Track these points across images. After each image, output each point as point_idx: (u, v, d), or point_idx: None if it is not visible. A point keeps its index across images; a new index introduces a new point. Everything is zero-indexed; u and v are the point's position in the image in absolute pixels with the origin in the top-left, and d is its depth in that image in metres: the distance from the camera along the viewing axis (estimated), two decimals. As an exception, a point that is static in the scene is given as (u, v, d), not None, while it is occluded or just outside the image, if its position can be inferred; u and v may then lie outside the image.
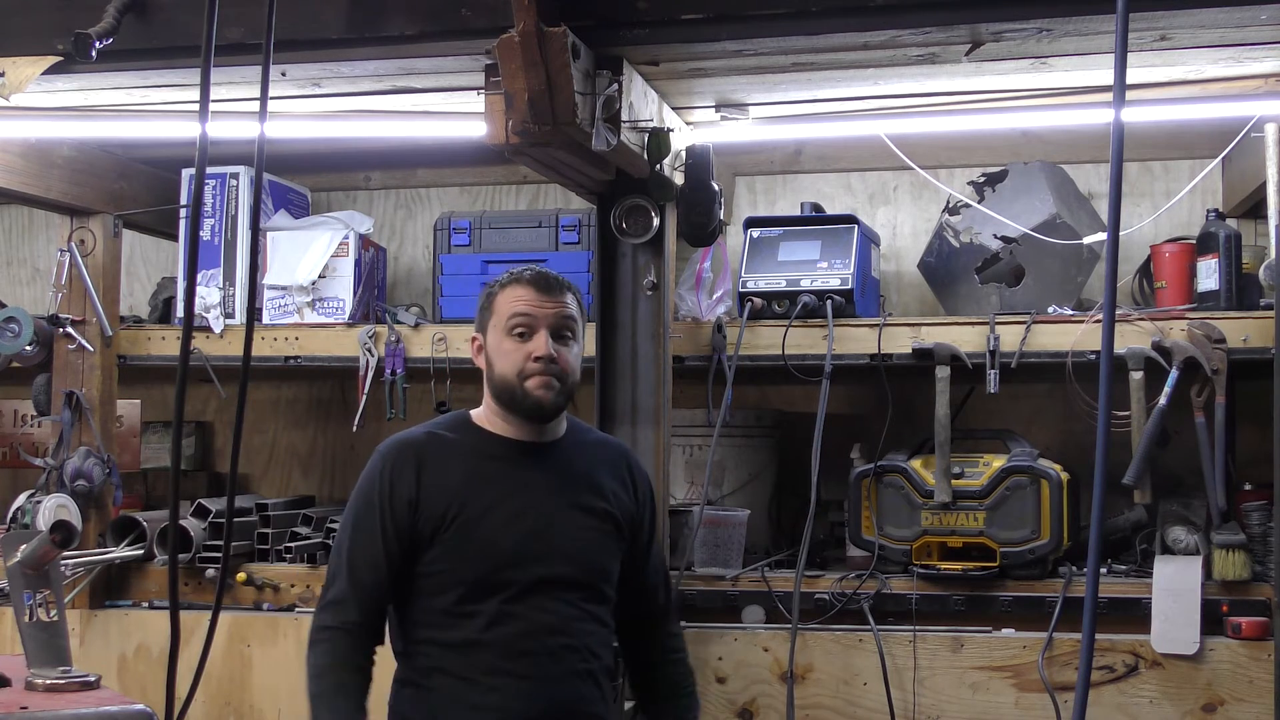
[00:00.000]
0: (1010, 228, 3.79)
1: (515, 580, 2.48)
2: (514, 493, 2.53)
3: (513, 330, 2.53)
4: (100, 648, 4.11)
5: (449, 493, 2.49)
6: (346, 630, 2.46)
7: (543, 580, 2.49)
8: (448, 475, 2.51)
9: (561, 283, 2.58)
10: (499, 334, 2.54)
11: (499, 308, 2.56)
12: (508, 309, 2.54)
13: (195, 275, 3.73)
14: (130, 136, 3.88)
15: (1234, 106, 3.35)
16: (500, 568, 2.48)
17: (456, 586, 2.47)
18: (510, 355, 2.52)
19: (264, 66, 2.03)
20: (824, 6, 2.79)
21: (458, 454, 2.54)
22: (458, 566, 2.48)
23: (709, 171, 3.58)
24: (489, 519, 2.49)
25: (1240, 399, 3.74)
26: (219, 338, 4.16)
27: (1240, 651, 3.45)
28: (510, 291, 2.56)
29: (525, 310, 2.53)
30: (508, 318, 2.53)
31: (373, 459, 2.56)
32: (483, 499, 2.50)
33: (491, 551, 2.48)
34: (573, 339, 2.57)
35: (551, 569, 2.50)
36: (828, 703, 3.63)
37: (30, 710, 2.44)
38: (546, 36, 2.66)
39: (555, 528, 2.53)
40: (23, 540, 2.76)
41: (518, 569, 2.48)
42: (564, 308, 2.55)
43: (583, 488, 2.60)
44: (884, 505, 3.73)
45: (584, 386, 4.48)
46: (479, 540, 2.48)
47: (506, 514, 2.50)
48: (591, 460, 2.65)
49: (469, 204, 4.73)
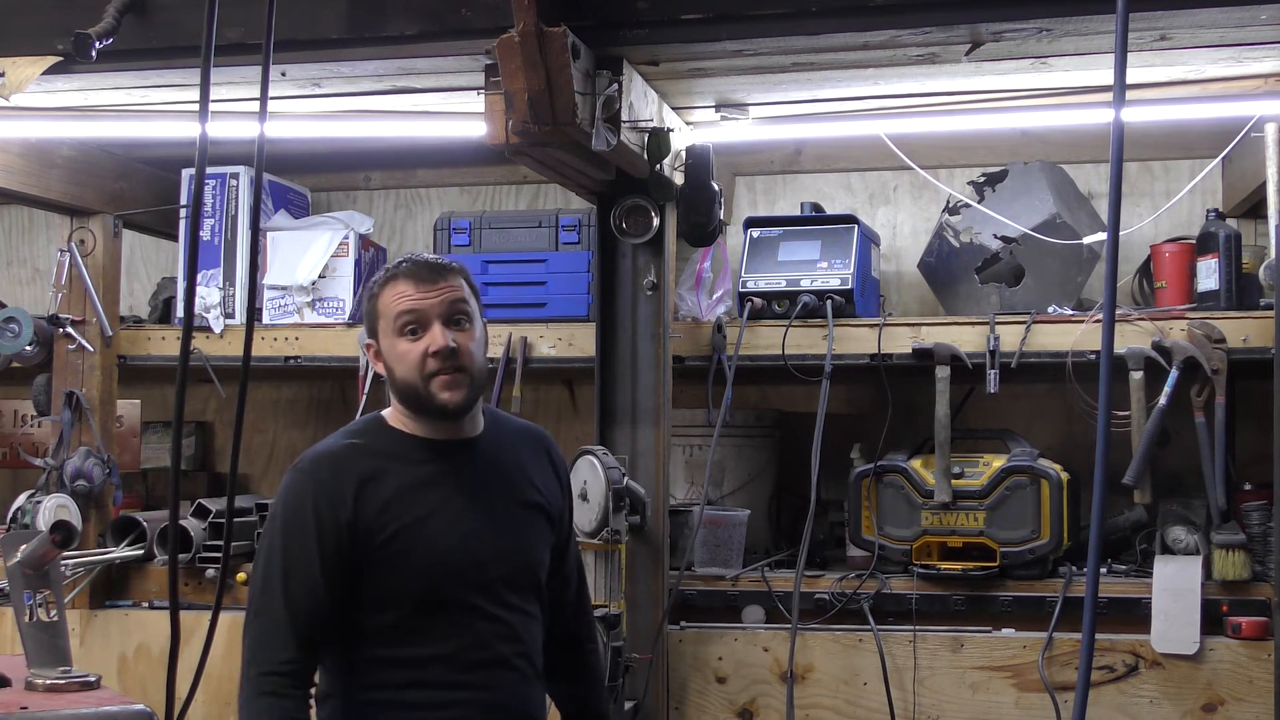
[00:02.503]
0: (1010, 228, 3.79)
1: (462, 588, 2.34)
2: (449, 496, 2.37)
3: (404, 330, 2.33)
4: (100, 648, 4.11)
5: (383, 505, 2.31)
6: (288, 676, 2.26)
7: (489, 584, 2.36)
8: (379, 487, 2.32)
9: (443, 266, 2.39)
10: (390, 337, 2.35)
11: (384, 309, 2.36)
12: (393, 308, 2.34)
13: (195, 275, 3.72)
14: (130, 136, 3.88)
15: (1234, 106, 3.35)
16: (446, 579, 2.33)
17: (401, 603, 2.30)
18: (407, 357, 2.33)
19: (264, 66, 2.03)
20: (824, 6, 2.79)
21: (383, 463, 2.35)
22: (402, 581, 2.31)
23: (709, 171, 3.58)
24: (429, 527, 2.33)
25: (1240, 399, 3.74)
26: (219, 338, 4.16)
27: (1240, 651, 3.45)
28: (391, 289, 2.35)
29: (411, 306, 2.33)
30: (394, 317, 2.34)
31: (292, 477, 2.34)
32: (418, 507, 2.33)
33: (436, 561, 2.32)
34: (468, 322, 2.37)
35: (496, 571, 2.37)
36: (828, 703, 3.63)
37: (30, 710, 2.45)
38: (546, 36, 2.66)
39: (494, 528, 2.39)
40: (23, 540, 2.76)
41: (463, 577, 2.34)
42: (450, 292, 2.35)
43: (514, 481, 2.45)
44: (884, 505, 3.73)
45: (584, 386, 4.54)
46: (422, 551, 2.31)
47: (446, 519, 2.35)
48: (517, 451, 2.50)
49: (469, 204, 4.73)
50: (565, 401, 4.65)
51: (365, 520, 2.29)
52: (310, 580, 2.28)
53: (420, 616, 2.31)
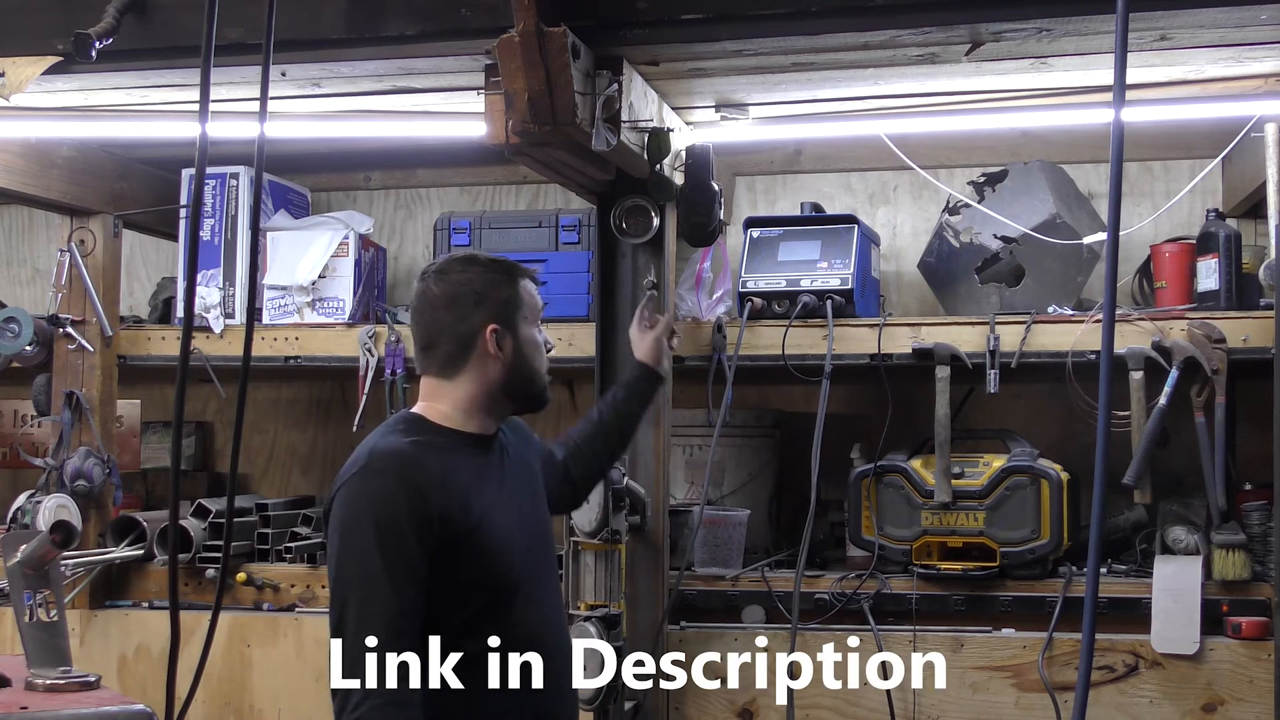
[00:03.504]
0: (1010, 228, 3.79)
1: (526, 576, 2.43)
2: (500, 488, 2.46)
3: (537, 323, 2.53)
4: (100, 648, 4.11)
5: (463, 496, 2.35)
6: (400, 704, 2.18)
7: (542, 570, 2.50)
8: (454, 479, 2.36)
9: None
10: (530, 326, 2.50)
11: (527, 299, 2.51)
12: (534, 302, 2.53)
13: (195, 275, 3.73)
14: (130, 136, 3.88)
15: (1234, 106, 3.35)
16: (516, 566, 2.41)
17: (484, 593, 2.34)
18: (540, 349, 2.52)
19: (264, 66, 2.03)
20: (824, 6, 2.79)
21: (445, 458, 2.39)
22: (486, 573, 2.34)
23: (709, 171, 3.58)
24: (494, 519, 2.39)
25: (1240, 399, 3.74)
26: (219, 338, 4.16)
27: (1240, 651, 3.45)
28: (525, 286, 2.52)
29: (540, 306, 2.55)
30: (537, 310, 2.53)
31: (369, 480, 2.28)
32: (482, 500, 2.39)
33: (507, 550, 2.39)
34: None
35: (545, 556, 2.54)
36: (828, 703, 3.63)
37: (30, 710, 2.45)
38: (546, 36, 2.66)
39: (529, 514, 2.53)
40: (23, 540, 2.76)
41: (526, 564, 2.44)
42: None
43: (530, 470, 2.62)
44: (884, 505, 3.73)
45: (584, 386, 4.54)
46: (494, 543, 2.37)
47: (503, 510, 2.43)
48: (515, 443, 2.62)
49: (469, 204, 4.73)
50: (565, 401, 4.65)
51: (452, 513, 2.30)
52: (417, 579, 2.24)
53: (493, 606, 2.37)
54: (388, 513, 2.24)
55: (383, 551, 2.22)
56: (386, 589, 2.21)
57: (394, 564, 2.22)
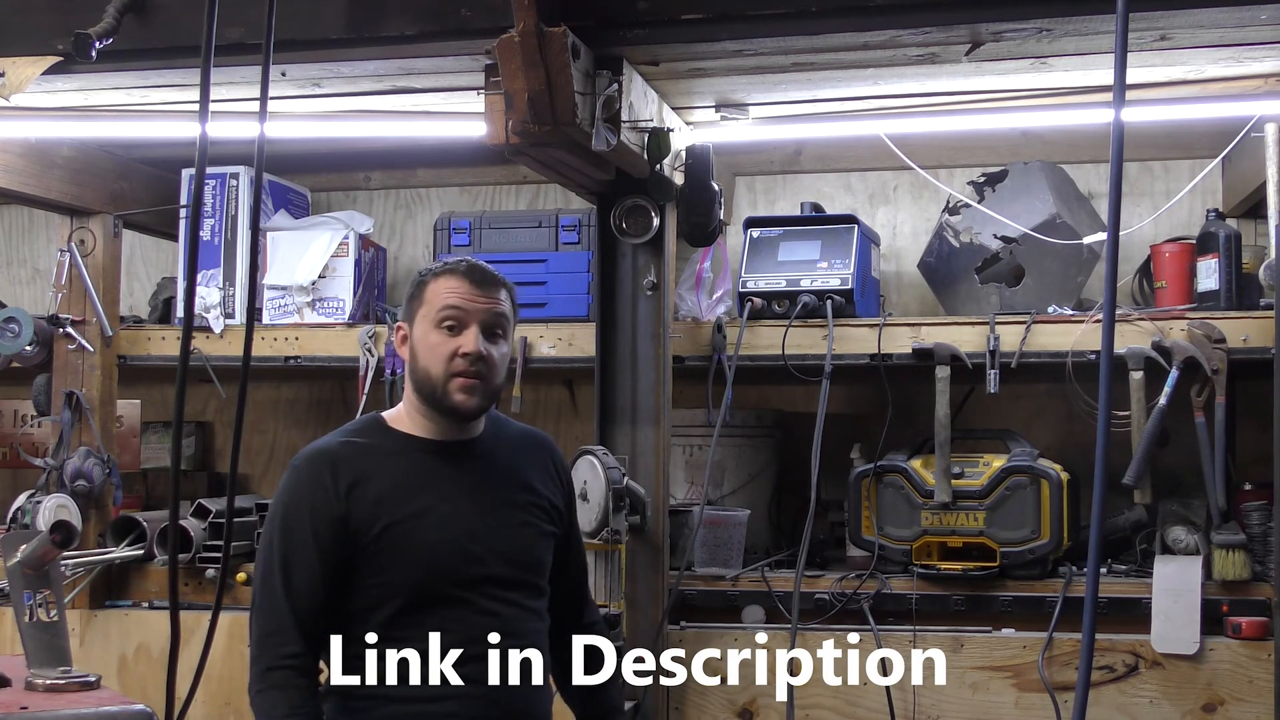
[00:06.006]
0: (1010, 228, 3.79)
1: (455, 585, 2.37)
2: (444, 495, 2.41)
3: (442, 323, 2.38)
4: (100, 648, 4.11)
5: (375, 501, 2.36)
6: (295, 669, 2.30)
7: (483, 580, 2.40)
8: (372, 484, 2.37)
9: (497, 278, 2.45)
10: (427, 325, 2.40)
11: (430, 297, 2.41)
12: (439, 300, 2.39)
13: (195, 275, 3.73)
14: (130, 136, 3.88)
15: (1234, 106, 3.35)
16: (438, 574, 2.37)
17: (393, 596, 2.34)
18: (436, 349, 2.38)
19: (264, 66, 2.03)
20: (824, 6, 2.79)
21: (378, 460, 2.40)
22: (395, 577, 2.35)
23: (709, 171, 3.58)
24: (422, 525, 2.37)
25: (1240, 399, 3.74)
26: (219, 338, 4.16)
27: (1240, 651, 3.45)
28: (443, 281, 2.41)
29: (457, 303, 2.38)
30: (439, 309, 2.39)
31: (289, 473, 2.40)
32: (411, 505, 2.38)
33: (428, 558, 2.36)
34: (503, 338, 2.44)
35: (492, 568, 2.41)
36: (828, 703, 3.63)
37: (30, 710, 2.44)
38: (546, 36, 2.66)
39: (489, 527, 2.43)
40: (23, 540, 2.76)
41: (456, 573, 2.38)
42: (498, 304, 2.42)
43: (511, 483, 2.49)
44: (884, 505, 3.73)
45: (584, 386, 4.53)
46: (414, 548, 2.36)
47: (438, 517, 2.39)
48: (516, 454, 2.54)
49: (469, 204, 4.73)
50: (565, 401, 4.65)
51: (357, 517, 2.35)
52: (309, 574, 2.33)
53: (412, 611, 2.35)
54: (295, 507, 2.36)
55: (285, 543, 2.35)
56: (280, 581, 2.33)
57: (292, 556, 2.34)
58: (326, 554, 2.34)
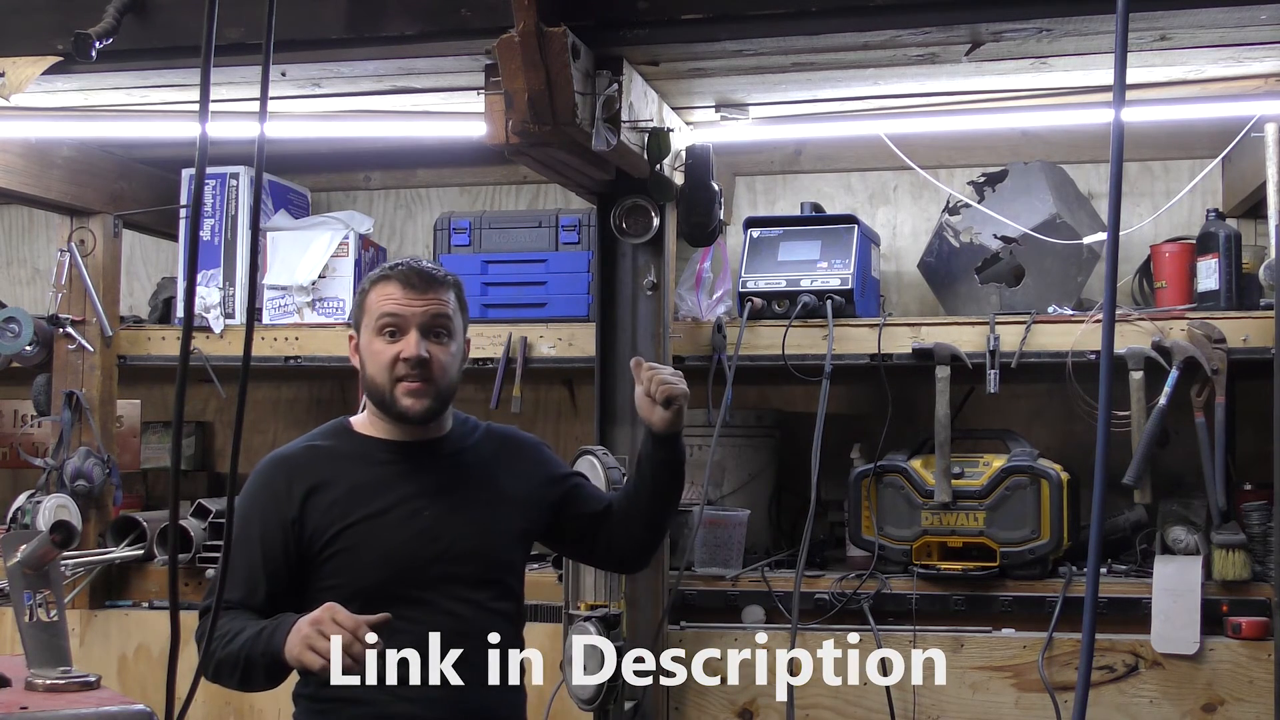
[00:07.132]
0: (1010, 228, 3.79)
1: (414, 586, 2.39)
2: (406, 495, 2.43)
3: (382, 330, 2.42)
4: (100, 648, 4.11)
5: (330, 505, 2.40)
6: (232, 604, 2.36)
7: (445, 580, 2.41)
8: (329, 489, 2.42)
9: (436, 277, 2.45)
10: (369, 334, 2.44)
11: (369, 306, 2.44)
12: (377, 307, 2.43)
13: (195, 275, 3.73)
14: (130, 136, 3.88)
15: (1234, 106, 3.35)
16: (398, 574, 2.39)
17: (354, 599, 2.31)
18: (379, 356, 2.42)
19: (264, 66, 2.03)
20: (824, 6, 2.79)
21: (339, 465, 2.45)
22: (353, 578, 2.38)
23: (709, 171, 3.58)
24: (380, 526, 2.40)
25: (1240, 399, 3.74)
26: (219, 338, 4.16)
27: (1240, 651, 3.45)
28: (381, 289, 2.44)
29: (393, 310, 2.41)
30: (377, 317, 2.42)
31: (249, 479, 2.47)
32: (369, 506, 2.41)
33: (387, 558, 2.39)
34: (448, 336, 2.45)
35: (451, 569, 2.42)
36: (828, 703, 3.63)
37: (30, 710, 2.44)
38: (546, 36, 2.66)
39: (453, 525, 2.44)
40: (23, 540, 2.76)
41: (414, 573, 2.39)
42: (436, 304, 2.43)
43: (478, 483, 2.50)
44: (884, 505, 3.73)
45: (584, 386, 4.53)
46: (372, 549, 2.39)
47: (397, 518, 2.41)
48: (481, 452, 2.55)
49: (469, 204, 4.73)
50: (565, 401, 4.65)
51: (311, 521, 2.39)
52: (250, 578, 2.38)
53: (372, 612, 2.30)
54: (250, 509, 2.43)
55: (241, 543, 2.39)
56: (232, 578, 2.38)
57: (243, 557, 2.39)
58: (272, 554, 2.38)
